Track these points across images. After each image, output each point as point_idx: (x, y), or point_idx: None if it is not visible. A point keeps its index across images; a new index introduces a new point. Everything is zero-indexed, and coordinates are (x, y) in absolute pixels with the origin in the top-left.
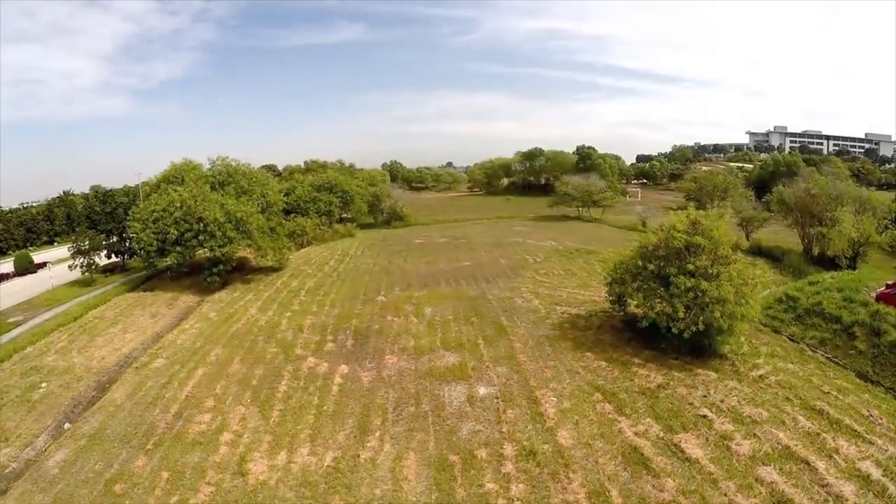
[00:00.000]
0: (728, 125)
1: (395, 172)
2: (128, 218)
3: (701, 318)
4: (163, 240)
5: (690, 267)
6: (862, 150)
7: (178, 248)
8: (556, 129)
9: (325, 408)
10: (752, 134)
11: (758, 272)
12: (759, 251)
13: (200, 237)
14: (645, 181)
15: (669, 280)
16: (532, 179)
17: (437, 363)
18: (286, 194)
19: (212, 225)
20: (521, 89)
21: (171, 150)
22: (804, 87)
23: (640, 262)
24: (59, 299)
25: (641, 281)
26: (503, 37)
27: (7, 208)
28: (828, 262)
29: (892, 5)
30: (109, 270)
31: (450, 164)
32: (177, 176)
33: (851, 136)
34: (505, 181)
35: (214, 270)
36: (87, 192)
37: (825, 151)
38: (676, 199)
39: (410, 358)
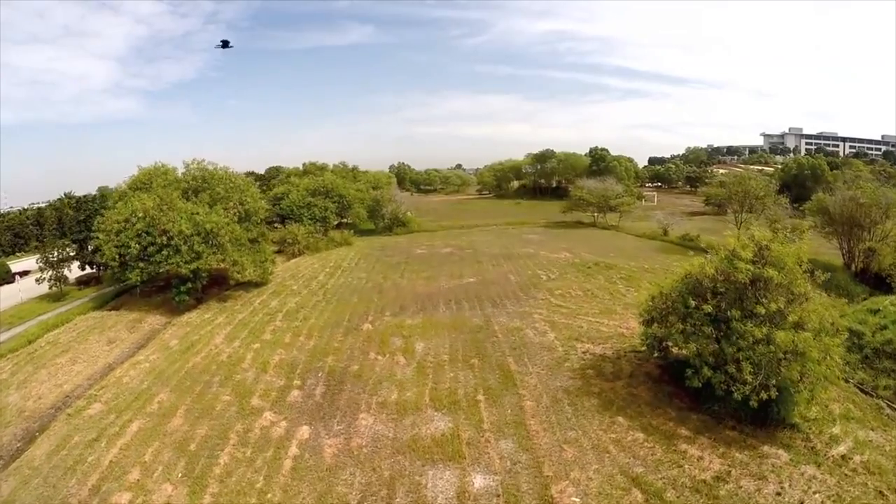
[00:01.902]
0: (738, 126)
1: (402, 174)
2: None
3: (774, 381)
4: (125, 254)
5: (760, 310)
6: (879, 153)
7: (141, 264)
8: (567, 131)
9: (269, 496)
10: (766, 136)
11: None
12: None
13: (164, 252)
14: (660, 184)
15: (730, 326)
16: (543, 182)
17: (423, 430)
18: (280, 199)
19: (177, 238)
20: (531, 91)
21: (182, 151)
22: (812, 88)
23: (690, 301)
24: (23, 316)
25: (692, 325)
26: (512, 39)
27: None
28: (872, 279)
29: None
30: (84, 283)
31: (459, 165)
32: (146, 182)
33: (867, 137)
34: (515, 184)
35: (183, 289)
36: (94, 193)
37: (842, 153)
38: (694, 203)
39: (390, 419)
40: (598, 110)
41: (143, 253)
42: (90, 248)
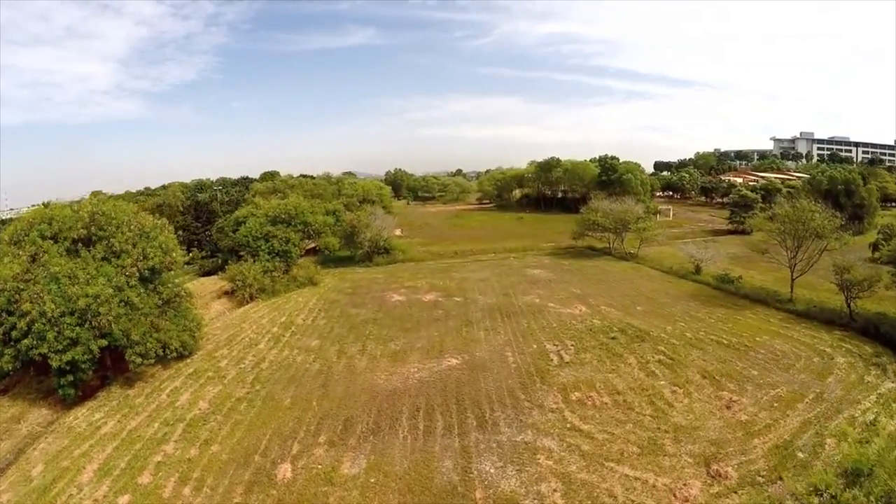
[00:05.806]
0: (745, 129)
1: (399, 181)
2: None
3: None
4: None
5: None
6: (893, 158)
7: (8, 351)
8: (570, 134)
9: None
10: (776, 140)
11: None
12: (873, 330)
13: (29, 339)
14: (671, 193)
15: None
16: (547, 192)
17: None
18: (240, 224)
19: (39, 322)
20: (534, 93)
21: (185, 152)
22: (820, 90)
23: None
24: None
25: None
26: (516, 41)
27: None
28: None
29: (893, 5)
30: None
31: (460, 171)
32: (25, 232)
33: (881, 143)
34: (517, 193)
35: (64, 381)
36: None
37: (855, 159)
38: (713, 218)
39: None
40: (602, 113)
41: (6, 337)
42: None
